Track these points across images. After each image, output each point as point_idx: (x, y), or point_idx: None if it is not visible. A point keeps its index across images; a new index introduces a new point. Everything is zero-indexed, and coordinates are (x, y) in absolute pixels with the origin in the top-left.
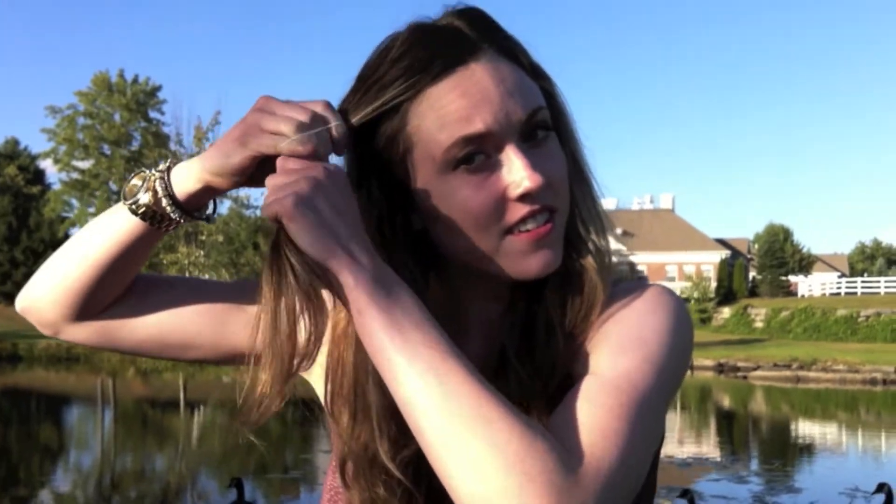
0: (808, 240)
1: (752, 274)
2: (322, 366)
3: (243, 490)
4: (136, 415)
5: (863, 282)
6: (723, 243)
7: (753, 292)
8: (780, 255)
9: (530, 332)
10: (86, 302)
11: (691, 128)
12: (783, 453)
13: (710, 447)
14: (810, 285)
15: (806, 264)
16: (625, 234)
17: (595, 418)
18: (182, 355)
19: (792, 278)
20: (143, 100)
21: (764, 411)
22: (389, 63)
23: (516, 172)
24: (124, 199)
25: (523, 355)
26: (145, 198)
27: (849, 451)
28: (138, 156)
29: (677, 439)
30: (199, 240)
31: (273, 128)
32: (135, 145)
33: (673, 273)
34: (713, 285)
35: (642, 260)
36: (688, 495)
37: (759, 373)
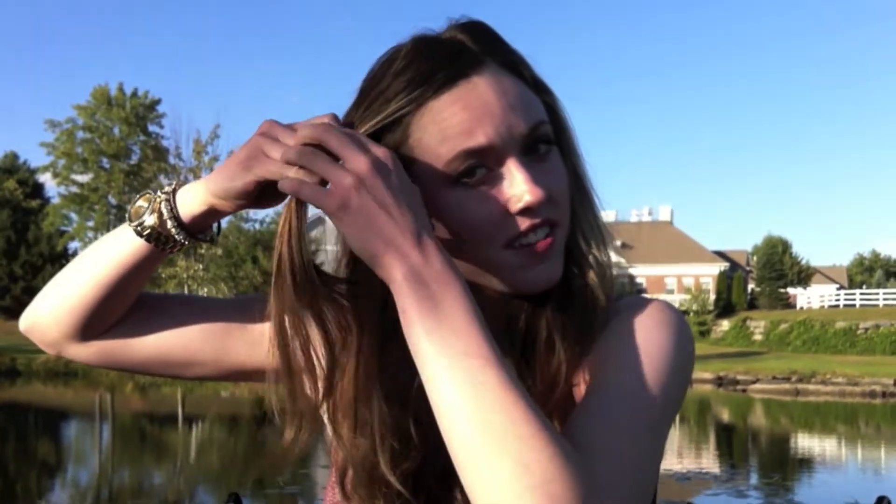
0: (807, 252)
1: (751, 286)
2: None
3: None
4: (134, 429)
5: (861, 294)
6: (721, 255)
7: (752, 305)
8: (779, 267)
9: (532, 346)
10: (89, 321)
11: (690, 140)
12: (783, 467)
13: (710, 461)
14: (809, 297)
15: (805, 276)
16: (623, 246)
17: (609, 442)
18: (184, 373)
19: (791, 290)
20: (143, 113)
21: (763, 424)
22: (392, 76)
23: (517, 186)
24: (129, 221)
25: (525, 371)
26: (150, 219)
27: (848, 465)
28: (137, 169)
29: (676, 453)
30: (197, 253)
31: (276, 154)
32: (134, 159)
33: (672, 285)
34: (712, 298)
35: (641, 272)
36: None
37: (758, 386)
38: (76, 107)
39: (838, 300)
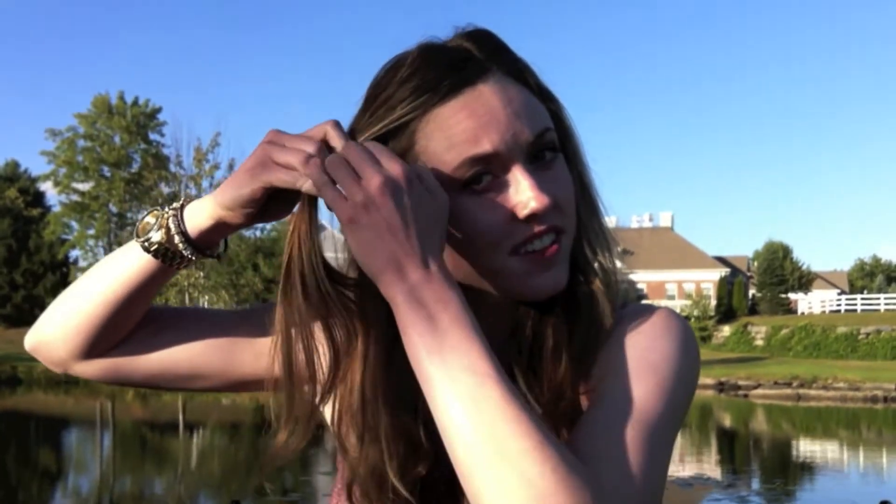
0: (808, 257)
1: (752, 292)
2: None
3: None
4: (135, 437)
5: (862, 299)
6: (722, 261)
7: (753, 310)
8: (780, 272)
9: (538, 354)
10: (97, 339)
11: (690, 145)
12: (785, 472)
13: (712, 466)
14: (810, 303)
15: (805, 282)
16: (624, 252)
17: (615, 452)
18: (190, 385)
19: (792, 296)
20: (143, 122)
21: (765, 430)
22: (398, 83)
23: (523, 193)
24: (137, 237)
25: (531, 378)
26: (158, 235)
27: (850, 470)
28: (138, 178)
29: (679, 459)
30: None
31: (283, 160)
32: (135, 167)
33: (673, 291)
34: (713, 303)
35: (642, 278)
36: None
37: (759, 391)
38: (77, 115)
39: (839, 305)
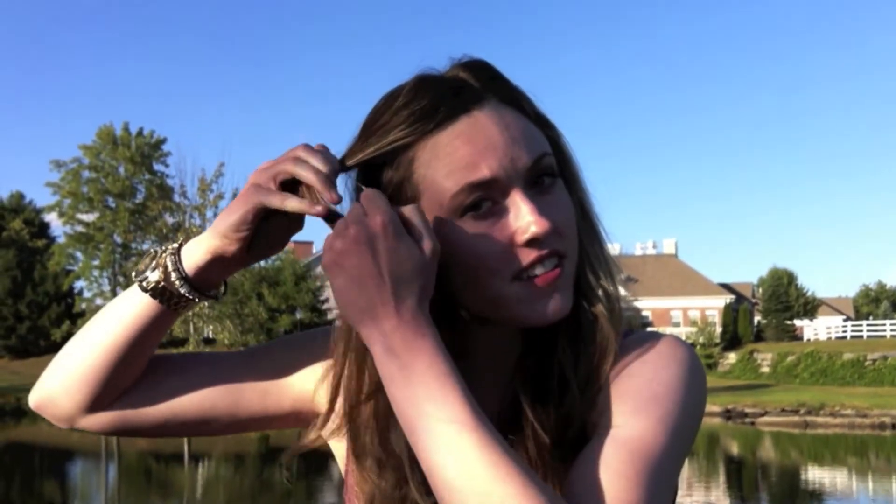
0: (813, 283)
1: (757, 318)
2: (334, 420)
3: None
4: (139, 468)
5: (868, 325)
6: (727, 288)
7: (759, 337)
8: (785, 299)
9: (544, 382)
10: (101, 389)
11: (693, 172)
12: (793, 500)
13: (720, 495)
14: (816, 329)
15: (811, 308)
16: (628, 279)
17: (613, 489)
18: (201, 431)
19: (797, 322)
20: (148, 152)
21: (773, 457)
22: (394, 111)
23: (523, 218)
24: (135, 276)
25: (538, 407)
26: (155, 275)
27: (859, 497)
28: (143, 208)
29: (686, 487)
30: None
31: (274, 173)
32: (139, 198)
33: (678, 318)
34: (718, 330)
35: (646, 305)
36: None
37: (766, 418)
38: (82, 147)
39: (845, 332)
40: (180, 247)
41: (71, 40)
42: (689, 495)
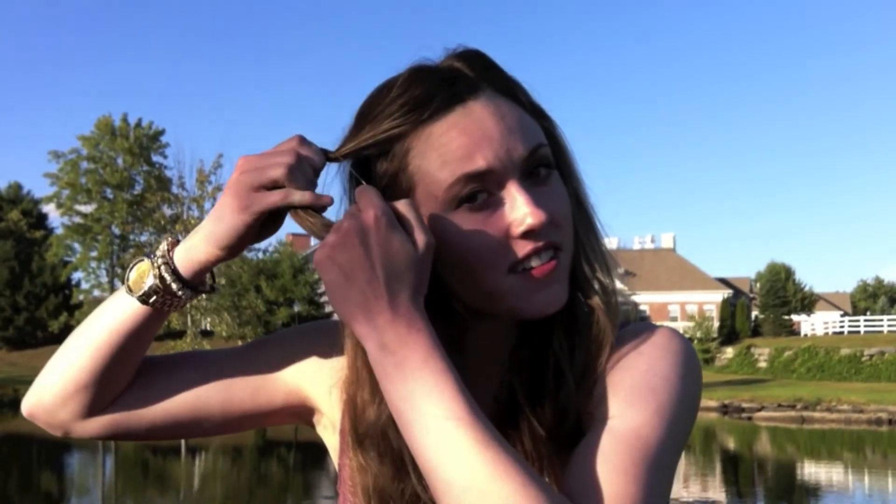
0: (810, 278)
1: (755, 313)
2: (329, 415)
3: None
4: (136, 461)
5: (865, 320)
6: (725, 283)
7: (756, 332)
8: (783, 294)
9: (540, 375)
10: (95, 394)
11: (692, 167)
12: (789, 495)
13: (716, 489)
14: (813, 324)
15: (808, 303)
16: (626, 273)
17: (611, 484)
18: (195, 431)
19: (794, 317)
20: (146, 144)
21: (769, 452)
22: (388, 101)
23: (519, 209)
24: (130, 292)
25: (534, 400)
26: (150, 281)
27: (855, 493)
28: (141, 200)
29: (682, 482)
30: None
31: (266, 180)
32: (137, 189)
33: (675, 313)
34: (715, 325)
35: (644, 300)
36: None
37: (763, 413)
38: (80, 137)
39: (842, 327)
40: (169, 252)
41: (70, 30)
42: (685, 489)
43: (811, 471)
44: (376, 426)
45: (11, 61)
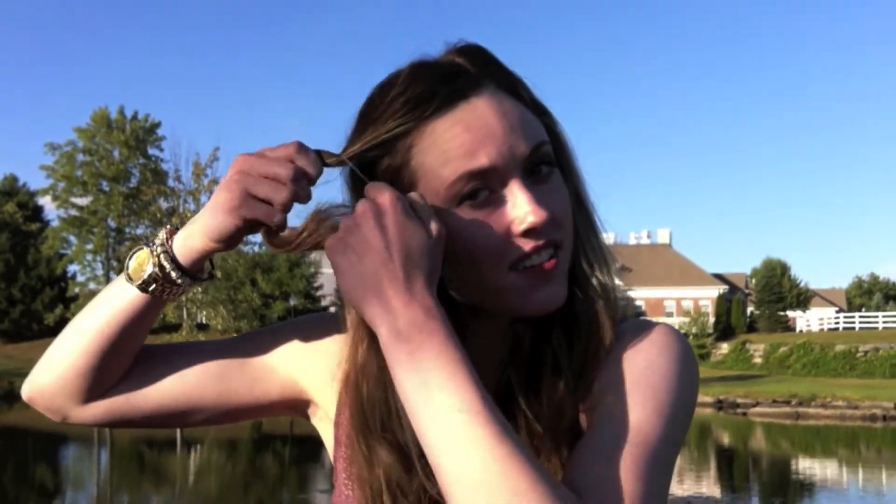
0: (806, 274)
1: (750, 309)
2: (325, 408)
3: None
4: (132, 454)
5: (861, 317)
6: (720, 278)
7: (751, 328)
8: (778, 290)
9: (538, 372)
10: (93, 382)
11: (688, 163)
12: (784, 491)
13: (711, 485)
14: (808, 320)
15: (804, 299)
16: (622, 268)
17: (616, 481)
18: (189, 420)
19: (790, 313)
20: (143, 136)
21: (764, 448)
22: (390, 99)
23: (521, 207)
24: (130, 280)
25: (531, 396)
26: (149, 269)
27: (849, 488)
28: (137, 192)
29: (678, 477)
30: None
31: (262, 193)
32: (133, 182)
33: (671, 308)
34: (711, 321)
35: (640, 295)
36: None
37: (758, 409)
38: (76, 130)
39: (838, 323)
40: (169, 239)
41: (66, 22)
42: (680, 485)
43: (806, 466)
44: (382, 417)
45: (7, 54)
